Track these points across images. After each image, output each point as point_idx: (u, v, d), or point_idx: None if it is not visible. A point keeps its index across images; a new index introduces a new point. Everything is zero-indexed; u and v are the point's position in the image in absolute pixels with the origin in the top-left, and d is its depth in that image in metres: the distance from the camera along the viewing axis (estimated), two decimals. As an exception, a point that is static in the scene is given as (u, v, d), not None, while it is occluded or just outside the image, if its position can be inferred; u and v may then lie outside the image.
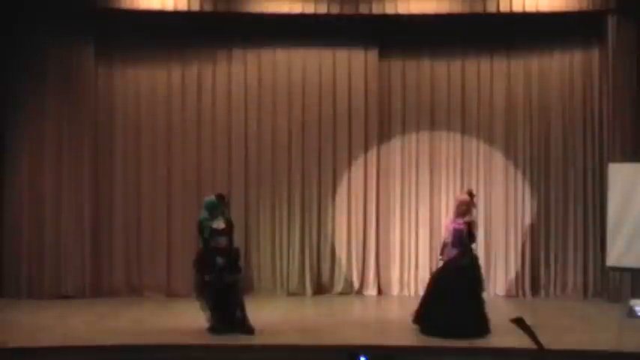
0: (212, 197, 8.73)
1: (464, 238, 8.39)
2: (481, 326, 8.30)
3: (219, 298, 8.33)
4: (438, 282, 8.45)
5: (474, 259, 8.61)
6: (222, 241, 8.45)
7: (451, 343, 7.96)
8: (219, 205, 8.61)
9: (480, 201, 11.37)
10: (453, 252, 8.41)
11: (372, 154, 11.42)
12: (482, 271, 11.19)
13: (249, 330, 8.30)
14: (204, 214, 8.54)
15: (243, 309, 8.40)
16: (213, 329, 8.35)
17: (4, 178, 10.86)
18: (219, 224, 8.49)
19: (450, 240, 8.45)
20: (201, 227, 8.48)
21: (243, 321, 8.36)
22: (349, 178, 11.43)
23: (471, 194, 8.69)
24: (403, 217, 11.42)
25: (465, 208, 8.50)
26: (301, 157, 11.37)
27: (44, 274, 10.76)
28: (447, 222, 8.70)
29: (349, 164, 11.42)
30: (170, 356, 7.87)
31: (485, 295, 8.97)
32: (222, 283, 8.32)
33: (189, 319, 9.21)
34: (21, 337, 8.22)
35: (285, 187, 11.35)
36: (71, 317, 9.43)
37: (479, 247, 11.31)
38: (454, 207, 8.82)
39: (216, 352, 7.91)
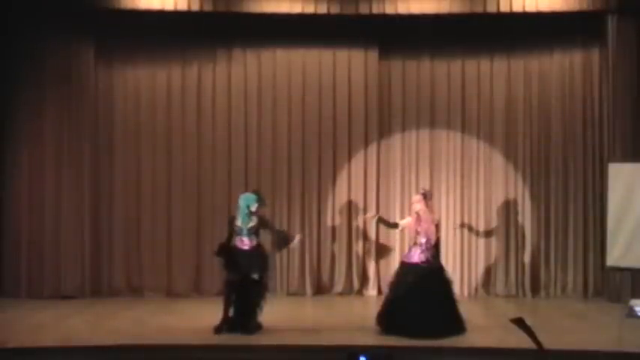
0: (248, 193, 8.73)
1: (434, 240, 8.57)
2: (458, 325, 8.40)
3: (235, 296, 8.33)
4: (414, 284, 8.37)
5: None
6: (248, 240, 8.45)
7: (451, 343, 7.97)
8: (255, 202, 8.52)
9: (480, 201, 11.42)
10: (425, 254, 8.47)
11: (372, 153, 11.42)
12: (483, 271, 11.37)
13: (249, 329, 8.29)
14: (240, 209, 8.47)
15: (255, 308, 8.38)
16: (217, 329, 8.34)
17: (4, 178, 10.86)
18: (249, 223, 8.46)
19: (424, 240, 8.50)
20: (230, 223, 8.52)
21: (249, 319, 8.33)
22: (349, 178, 11.43)
23: (424, 194, 8.76)
24: (403, 217, 11.37)
25: (419, 207, 8.63)
26: (301, 156, 11.37)
27: (44, 274, 10.76)
28: (421, 222, 8.65)
29: (349, 164, 11.42)
30: (170, 356, 7.87)
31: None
32: (241, 282, 8.33)
33: (190, 319, 9.23)
34: (21, 337, 8.21)
35: (285, 186, 11.35)
36: (71, 317, 9.43)
37: (479, 247, 11.41)
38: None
39: (216, 352, 7.89)
